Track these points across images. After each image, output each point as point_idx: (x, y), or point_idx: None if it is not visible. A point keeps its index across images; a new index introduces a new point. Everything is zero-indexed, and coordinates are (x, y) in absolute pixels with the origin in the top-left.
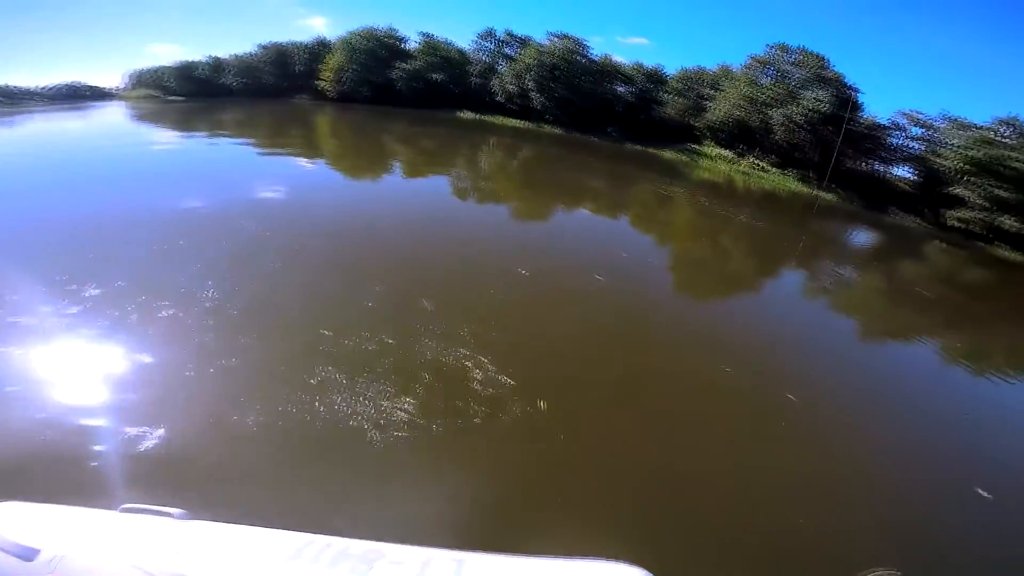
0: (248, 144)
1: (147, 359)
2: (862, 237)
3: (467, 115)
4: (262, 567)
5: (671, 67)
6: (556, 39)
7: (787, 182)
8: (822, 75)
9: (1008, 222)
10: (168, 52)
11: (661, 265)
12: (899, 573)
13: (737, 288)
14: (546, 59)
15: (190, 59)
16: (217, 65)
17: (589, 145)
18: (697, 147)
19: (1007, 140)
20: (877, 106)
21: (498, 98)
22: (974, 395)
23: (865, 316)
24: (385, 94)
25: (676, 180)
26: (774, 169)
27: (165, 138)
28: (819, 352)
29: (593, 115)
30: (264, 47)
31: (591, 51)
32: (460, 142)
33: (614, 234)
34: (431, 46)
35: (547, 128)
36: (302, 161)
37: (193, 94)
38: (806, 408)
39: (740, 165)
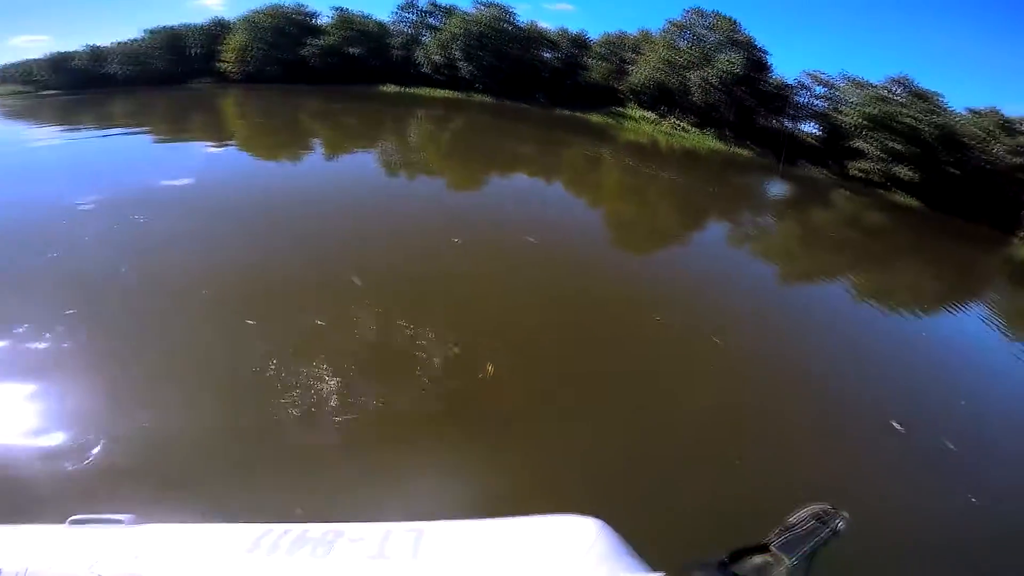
0: (144, 133)
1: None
2: (776, 188)
3: (391, 88)
4: (221, 562)
5: (595, 32)
6: (483, 7)
7: (706, 140)
8: (734, 38)
9: (902, 171)
10: (35, 44)
11: (593, 224)
12: (830, 506)
13: (665, 242)
14: (473, 28)
15: (63, 50)
16: (97, 54)
17: (519, 112)
18: (622, 110)
19: (898, 98)
20: (785, 67)
21: (424, 69)
22: (886, 330)
23: (783, 260)
24: (297, 72)
25: (604, 142)
26: (694, 129)
27: (45, 134)
28: (742, 296)
29: (521, 82)
30: (152, 31)
31: (517, 18)
32: (385, 116)
33: (547, 198)
34: (346, 20)
35: (477, 97)
36: (208, 146)
37: (71, 87)
38: (730, 350)
39: (663, 126)
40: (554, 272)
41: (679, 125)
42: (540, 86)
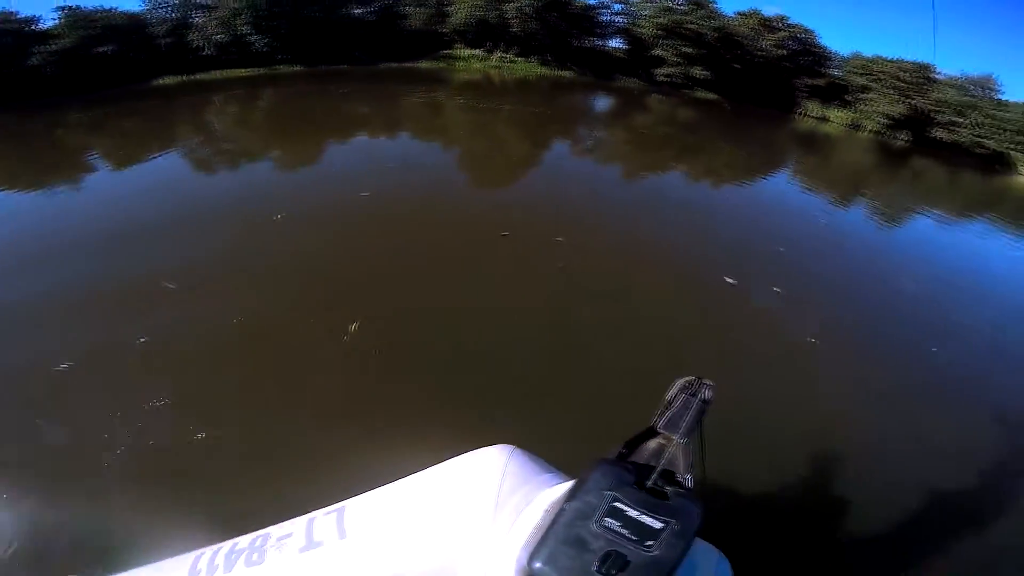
0: None
1: None
2: (602, 102)
3: (170, 80)
4: None
5: None
6: None
7: (533, 68)
8: None
9: (697, 71)
10: None
11: (446, 166)
12: (694, 377)
13: (517, 167)
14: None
15: None
16: None
17: (341, 74)
18: (450, 52)
19: (682, 7)
20: None
21: (206, 52)
22: (712, 203)
23: (620, 162)
24: (31, 87)
25: (439, 87)
26: (520, 59)
27: None
28: (587, 200)
29: (335, 43)
30: None
31: None
32: (169, 111)
33: (394, 151)
34: (79, 18)
35: (285, 68)
36: None
37: None
38: (575, 246)
39: (491, 61)
40: (397, 218)
41: (506, 58)
42: (358, 43)
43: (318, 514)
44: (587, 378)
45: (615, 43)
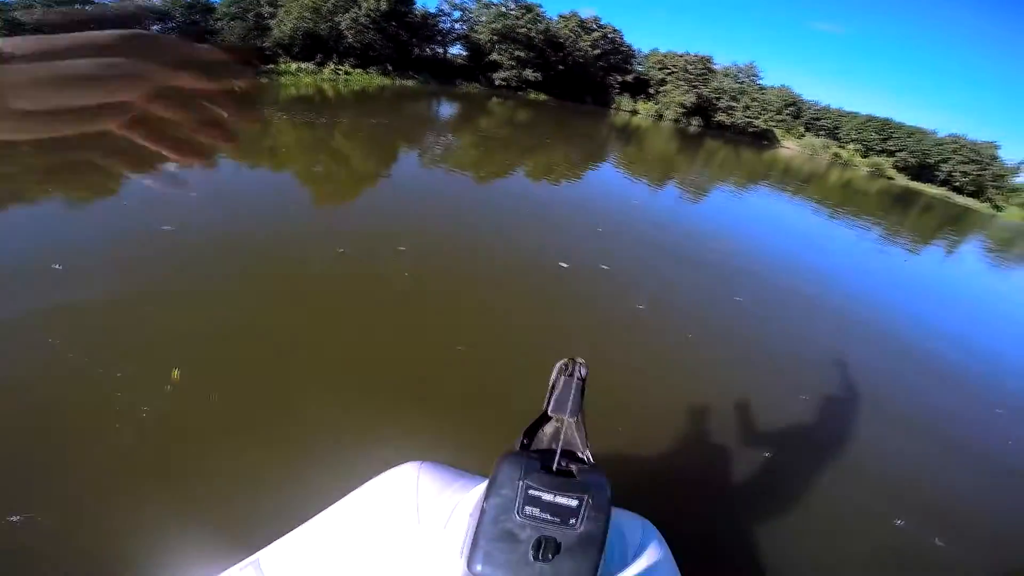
0: None
1: None
2: (445, 109)
3: None
4: None
5: None
6: None
7: (372, 79)
8: None
9: (529, 74)
10: None
11: (285, 190)
12: (568, 358)
13: (362, 183)
14: (23, 16)
15: None
16: None
17: None
18: (273, 67)
19: (514, 12)
20: None
21: None
22: (553, 195)
23: (469, 166)
24: None
25: (264, 104)
26: (357, 71)
27: None
28: (436, 206)
29: None
30: None
31: None
32: None
33: (204, 177)
34: None
35: None
36: None
37: None
38: (416, 252)
39: (323, 74)
40: (229, 249)
41: (340, 70)
42: None
43: (232, 571)
44: (448, 368)
45: (456, 50)
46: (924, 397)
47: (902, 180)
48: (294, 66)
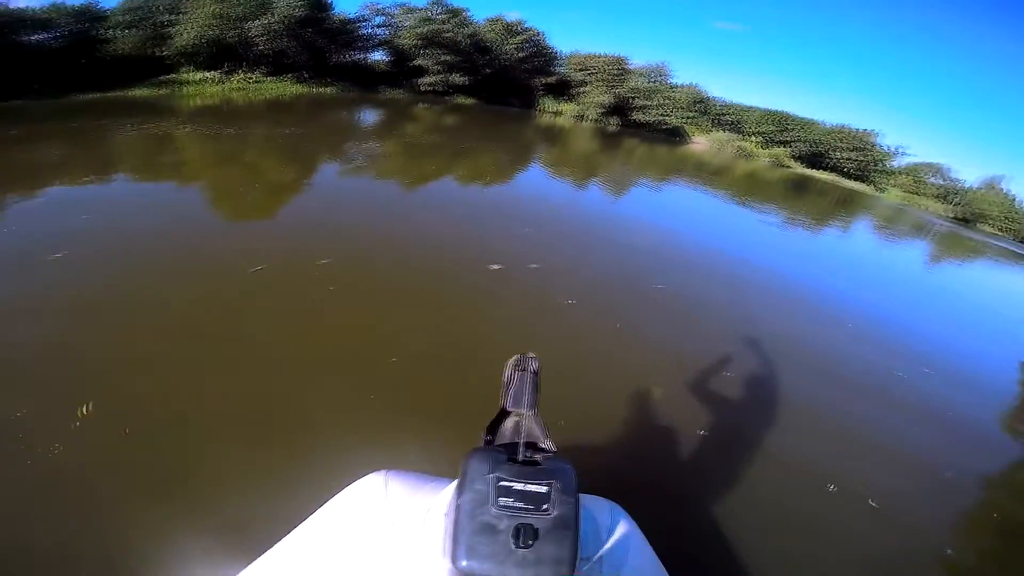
0: None
1: None
2: (368, 116)
3: None
4: None
5: (110, 2)
6: None
7: (286, 87)
8: None
9: (456, 78)
10: None
11: (192, 205)
12: (519, 354)
13: (277, 196)
14: None
15: None
16: None
17: (13, 112)
18: (175, 76)
19: (439, 17)
20: (346, 2)
21: None
22: (481, 197)
23: (401, 172)
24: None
25: (165, 116)
26: (269, 79)
27: None
28: (361, 215)
29: (5, 76)
30: None
31: None
32: None
33: (104, 195)
34: None
35: None
36: None
37: None
38: (338, 270)
39: (231, 83)
40: (135, 270)
41: (250, 78)
42: (39, 75)
43: None
44: (384, 380)
45: (378, 55)
46: (836, 360)
47: (799, 168)
48: (198, 76)
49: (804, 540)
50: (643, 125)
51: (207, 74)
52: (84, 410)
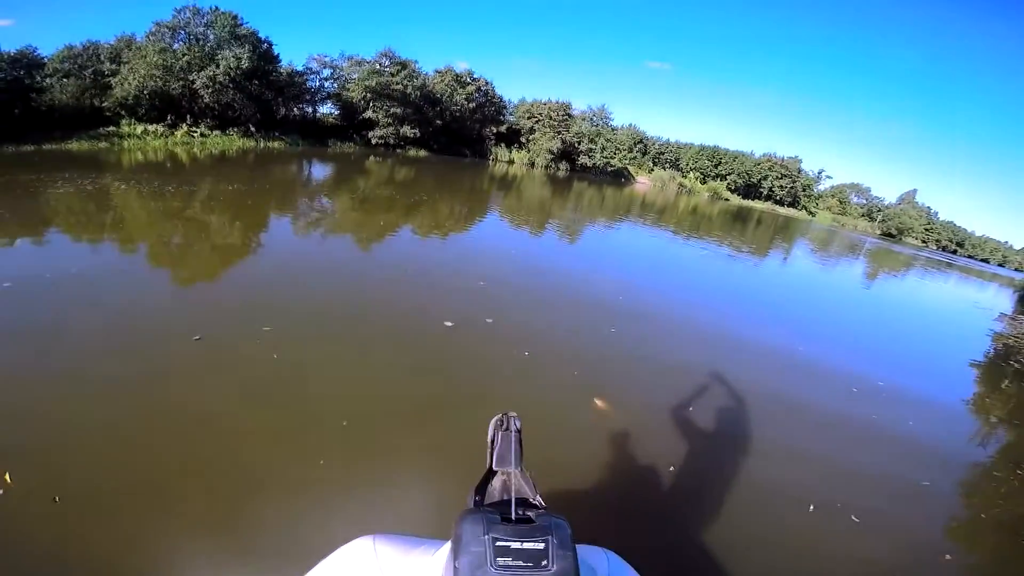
0: None
1: None
2: (318, 170)
3: None
4: None
5: (48, 48)
6: None
7: (232, 141)
8: (236, 32)
9: (407, 130)
10: None
11: (132, 268)
12: (502, 413)
13: (227, 256)
14: None
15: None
16: None
17: None
18: (115, 129)
19: (388, 69)
20: (292, 54)
21: None
22: (436, 250)
23: (353, 228)
24: None
25: (104, 171)
26: (214, 132)
27: None
28: (310, 278)
29: None
30: None
31: None
32: None
33: (29, 267)
34: None
35: None
36: None
37: None
38: (283, 336)
39: (176, 137)
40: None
41: (195, 132)
42: None
43: None
44: (334, 447)
45: (326, 108)
46: (794, 384)
47: (736, 200)
48: (139, 128)
49: (793, 561)
50: (590, 169)
51: (150, 127)
52: (7, 478)
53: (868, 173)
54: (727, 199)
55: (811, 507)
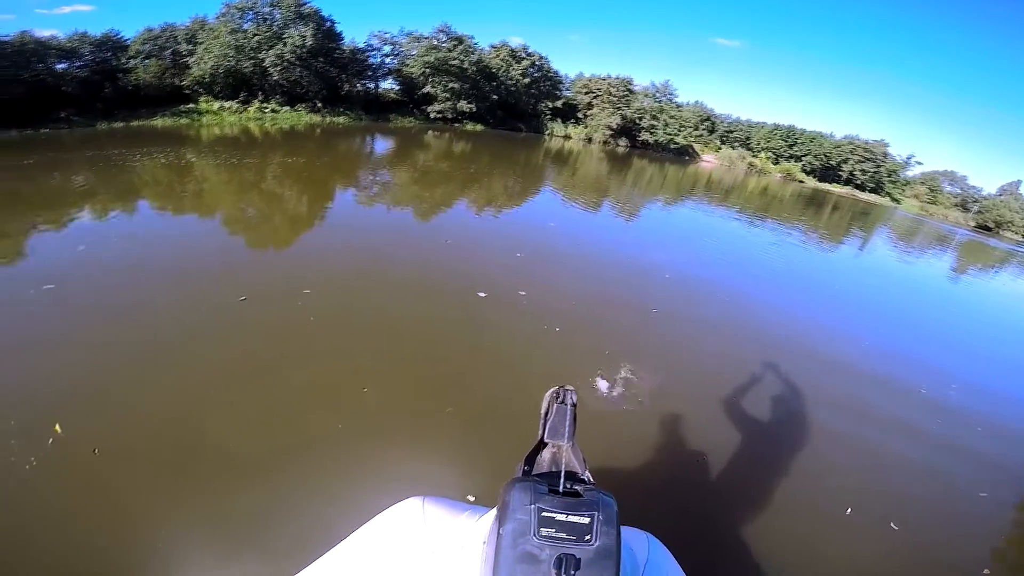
0: None
1: None
2: (380, 144)
3: None
4: None
5: (129, 31)
6: None
7: (301, 117)
8: (300, 11)
9: (464, 105)
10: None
11: (214, 234)
12: (558, 386)
13: (288, 223)
14: None
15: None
16: None
17: (40, 141)
18: (194, 106)
19: (445, 45)
20: (354, 31)
21: None
22: (494, 223)
23: (404, 200)
24: None
25: (186, 146)
26: (284, 108)
27: None
28: (385, 243)
29: (32, 104)
30: None
31: None
32: None
33: (125, 224)
34: None
35: None
36: None
37: None
38: (318, 297)
39: (249, 112)
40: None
41: (266, 108)
42: (66, 102)
43: None
44: (352, 416)
45: (388, 84)
46: (848, 380)
47: (811, 182)
48: (216, 105)
49: (824, 566)
50: (651, 145)
51: (225, 103)
52: (57, 428)
53: (965, 161)
54: (801, 181)
55: (848, 510)
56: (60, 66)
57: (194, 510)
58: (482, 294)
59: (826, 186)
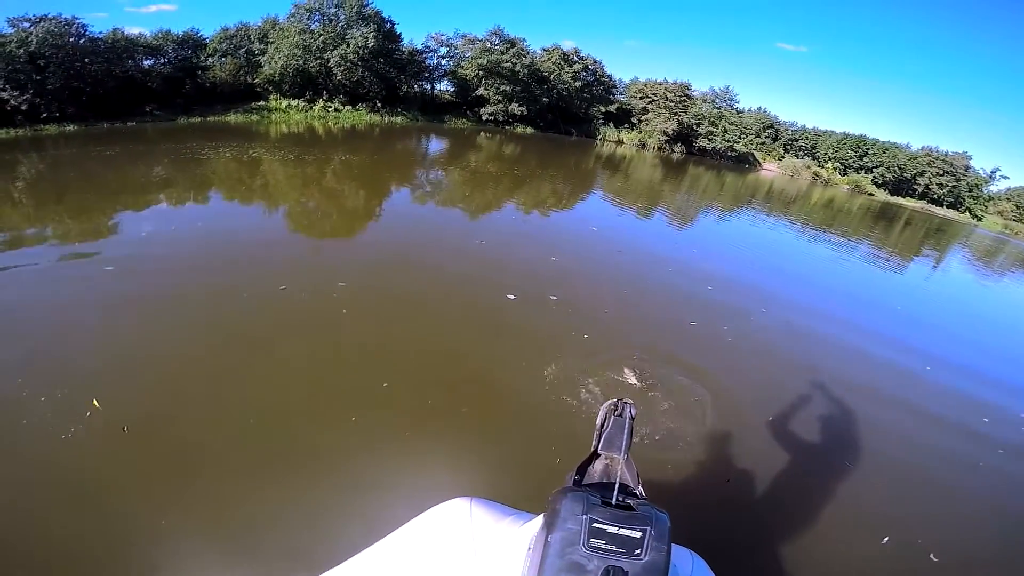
0: None
1: None
2: (435, 145)
3: None
4: None
5: (209, 29)
6: (26, 24)
7: (361, 116)
8: (363, 13)
9: (515, 108)
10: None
11: (275, 225)
12: (616, 399)
13: (346, 221)
14: (17, 49)
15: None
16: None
17: (127, 133)
18: (264, 104)
19: (498, 47)
20: (412, 32)
21: None
22: (544, 223)
23: (461, 199)
24: None
25: (255, 141)
26: (346, 107)
27: None
28: (424, 240)
29: (121, 98)
30: None
31: (90, 29)
32: None
33: (199, 214)
34: None
35: (52, 129)
36: None
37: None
38: (353, 291)
39: (314, 111)
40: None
41: (330, 107)
42: (150, 97)
43: None
44: (374, 409)
45: (443, 86)
46: (901, 403)
47: (882, 195)
48: (284, 103)
49: None
50: (709, 152)
51: (292, 102)
52: (95, 403)
53: None
54: (871, 194)
55: (885, 539)
56: (147, 63)
57: (211, 497)
58: (511, 296)
59: (898, 200)
